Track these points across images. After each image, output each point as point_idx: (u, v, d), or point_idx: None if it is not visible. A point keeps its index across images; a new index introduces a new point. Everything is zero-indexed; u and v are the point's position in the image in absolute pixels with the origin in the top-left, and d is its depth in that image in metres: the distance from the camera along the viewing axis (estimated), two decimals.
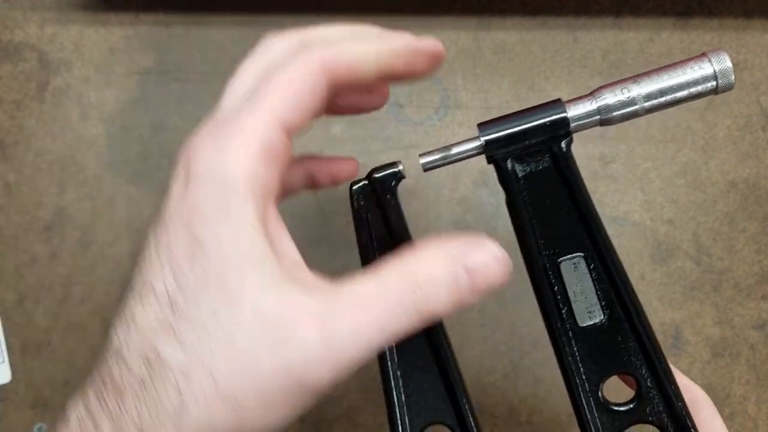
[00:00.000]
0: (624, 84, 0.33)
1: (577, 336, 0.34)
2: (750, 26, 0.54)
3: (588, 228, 0.34)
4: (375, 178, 0.37)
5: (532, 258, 0.34)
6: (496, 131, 0.34)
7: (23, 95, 0.53)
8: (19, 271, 0.53)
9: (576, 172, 0.34)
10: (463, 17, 0.54)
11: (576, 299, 0.34)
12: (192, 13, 0.54)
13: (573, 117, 0.33)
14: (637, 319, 0.33)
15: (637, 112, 0.33)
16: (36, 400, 0.53)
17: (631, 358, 0.34)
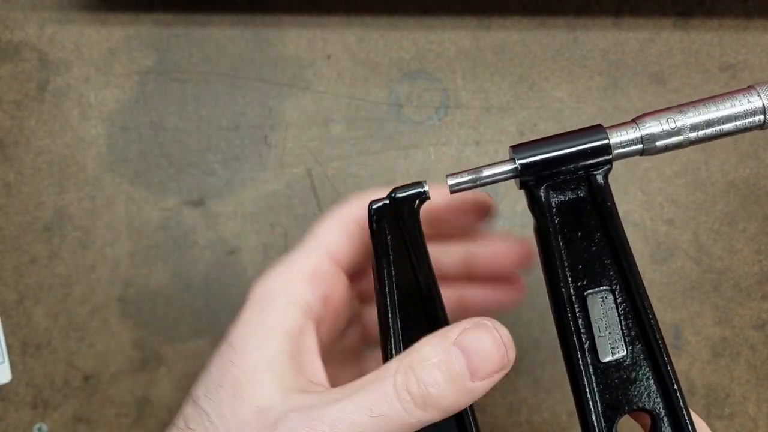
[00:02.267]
0: (669, 113, 0.31)
1: (597, 371, 0.32)
2: (750, 26, 0.54)
3: (618, 261, 0.32)
4: (397, 197, 0.33)
5: (556, 288, 0.33)
6: (533, 155, 0.31)
7: (23, 95, 0.53)
8: (19, 271, 0.53)
9: (612, 204, 0.32)
10: (463, 17, 0.54)
11: (600, 334, 0.32)
12: (192, 13, 0.54)
13: (615, 144, 0.31)
14: (660, 357, 0.32)
15: (681, 144, 0.32)
16: (36, 400, 0.53)
17: (649, 395, 0.32)
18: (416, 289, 0.33)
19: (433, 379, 0.26)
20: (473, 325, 0.28)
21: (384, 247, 0.33)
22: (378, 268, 0.33)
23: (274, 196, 0.53)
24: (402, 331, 0.32)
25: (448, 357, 0.27)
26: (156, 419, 0.53)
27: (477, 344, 0.27)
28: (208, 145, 0.54)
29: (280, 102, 0.54)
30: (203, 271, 0.53)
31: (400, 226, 0.33)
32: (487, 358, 0.27)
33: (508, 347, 0.27)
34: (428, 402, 0.26)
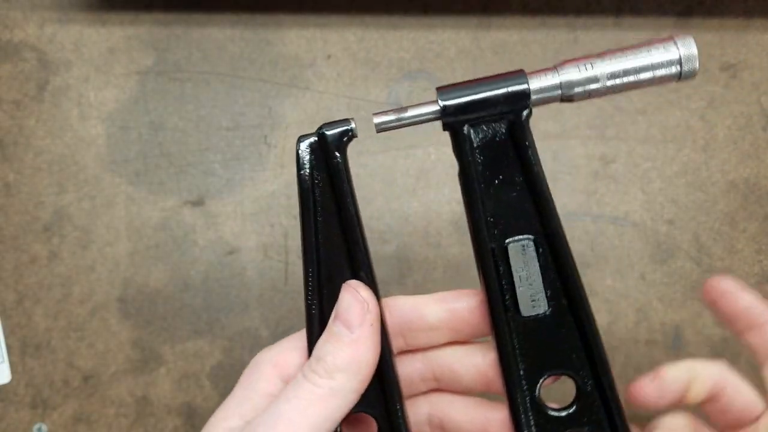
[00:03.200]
0: (589, 60, 0.32)
1: (519, 327, 0.32)
2: (750, 26, 0.54)
3: (539, 208, 0.32)
4: (324, 134, 0.33)
5: (479, 236, 0.33)
6: (456, 97, 0.32)
7: (23, 95, 0.53)
8: (19, 271, 0.53)
9: (531, 144, 0.32)
10: (463, 17, 0.54)
11: (521, 285, 0.32)
12: (192, 13, 0.54)
13: (534, 89, 0.32)
14: (583, 314, 0.31)
15: (599, 91, 0.32)
16: (36, 400, 0.53)
17: (572, 357, 0.32)
18: (339, 229, 0.34)
19: (325, 351, 0.32)
20: (340, 293, 0.33)
21: (310, 181, 0.34)
22: (303, 202, 0.34)
23: (273, 196, 0.53)
24: (322, 265, 0.34)
25: (330, 329, 0.32)
26: (156, 419, 0.53)
27: (342, 304, 0.32)
28: (208, 145, 0.54)
29: (280, 102, 0.54)
30: (203, 271, 0.53)
31: (327, 164, 0.34)
32: (351, 309, 0.32)
33: (366, 299, 0.32)
34: (328, 368, 0.31)
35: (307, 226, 0.34)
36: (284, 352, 0.35)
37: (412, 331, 0.36)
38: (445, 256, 0.53)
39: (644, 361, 0.53)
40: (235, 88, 0.54)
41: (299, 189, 0.34)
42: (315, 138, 0.34)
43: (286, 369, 0.34)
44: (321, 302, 0.34)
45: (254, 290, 0.53)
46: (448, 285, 0.53)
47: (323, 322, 0.33)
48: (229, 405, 0.34)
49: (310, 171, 0.34)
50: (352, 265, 0.34)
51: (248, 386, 0.34)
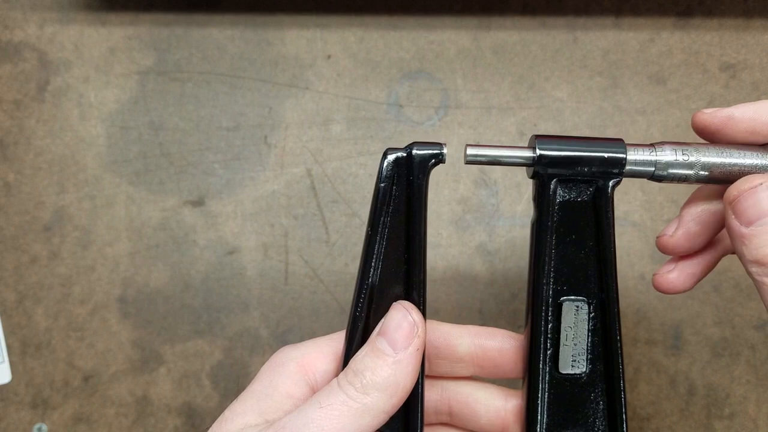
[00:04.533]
0: (687, 146, 0.33)
1: (552, 381, 0.33)
2: (750, 26, 0.54)
3: (602, 275, 0.33)
4: (415, 153, 0.33)
5: (538, 286, 0.33)
6: (554, 148, 0.32)
7: (23, 95, 0.53)
8: (19, 271, 0.53)
9: (611, 216, 0.33)
10: (463, 17, 0.54)
11: (566, 343, 0.33)
12: (192, 13, 0.54)
13: (630, 160, 0.32)
14: (617, 382, 0.32)
15: (689, 178, 0.33)
16: (36, 400, 0.53)
17: (596, 421, 0.33)
18: (403, 246, 0.34)
19: (364, 365, 0.31)
20: (390, 310, 0.33)
21: (387, 196, 0.33)
22: (375, 213, 0.33)
23: (273, 196, 0.53)
24: (380, 275, 0.34)
25: (373, 345, 0.32)
26: (156, 419, 0.53)
27: (391, 322, 0.32)
28: (208, 145, 0.54)
29: (280, 102, 0.54)
30: (203, 271, 0.53)
31: (409, 181, 0.33)
32: (400, 330, 0.31)
33: (417, 322, 0.32)
34: (365, 383, 0.30)
35: (373, 237, 0.33)
36: (312, 354, 0.34)
37: (438, 359, 0.36)
38: (445, 256, 0.53)
39: (644, 361, 0.53)
40: (235, 88, 0.54)
41: (374, 199, 0.34)
42: (403, 154, 0.33)
43: (312, 372, 0.34)
44: (368, 315, 0.34)
45: (254, 290, 0.53)
46: (448, 285, 0.53)
47: (366, 335, 0.33)
48: (248, 399, 0.33)
49: (390, 184, 0.33)
50: (408, 285, 0.34)
51: (269, 383, 0.33)
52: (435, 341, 0.36)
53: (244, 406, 0.32)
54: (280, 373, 0.33)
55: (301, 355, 0.34)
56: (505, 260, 0.53)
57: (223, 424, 0.32)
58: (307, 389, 0.33)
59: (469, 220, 0.54)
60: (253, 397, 0.33)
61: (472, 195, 0.54)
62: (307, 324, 0.54)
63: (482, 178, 0.54)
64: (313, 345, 0.35)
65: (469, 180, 0.54)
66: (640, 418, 0.54)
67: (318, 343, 0.35)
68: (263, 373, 0.34)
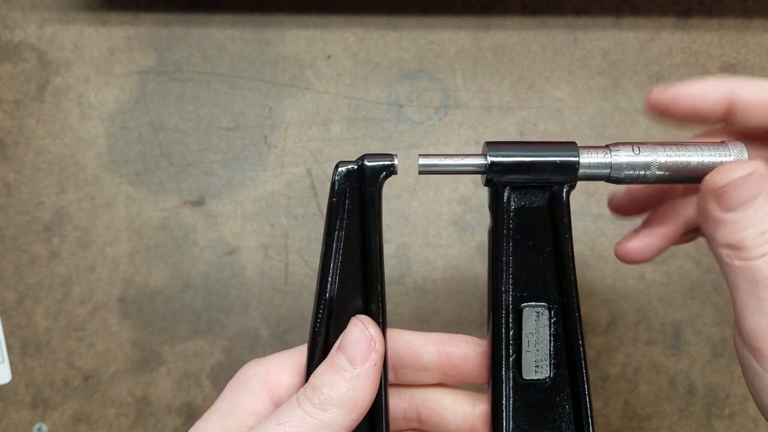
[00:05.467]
0: (642, 147, 0.32)
1: (517, 387, 0.33)
2: (750, 26, 0.54)
3: (561, 280, 0.33)
4: (366, 165, 0.33)
5: (497, 294, 0.33)
6: (505, 155, 0.32)
7: (23, 95, 0.53)
8: (19, 271, 0.53)
9: (568, 220, 0.33)
10: (463, 17, 0.54)
11: (528, 349, 0.33)
12: (192, 13, 0.54)
13: (584, 164, 0.32)
14: (581, 386, 0.33)
15: (647, 179, 0.32)
16: (36, 400, 0.53)
17: (562, 425, 0.33)
18: (359, 259, 0.34)
19: (323, 381, 0.31)
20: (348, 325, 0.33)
21: (340, 209, 0.33)
22: (329, 227, 0.33)
23: (273, 196, 0.53)
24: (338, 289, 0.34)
25: (332, 360, 0.32)
26: (156, 419, 0.53)
27: (349, 338, 0.32)
28: (208, 145, 0.54)
29: (280, 102, 0.54)
30: (203, 271, 0.53)
31: (362, 194, 0.33)
32: (357, 345, 0.31)
33: (374, 337, 0.32)
34: (323, 400, 0.30)
35: (328, 251, 0.33)
36: (275, 369, 0.34)
37: (403, 368, 0.36)
38: (445, 256, 0.53)
39: (644, 361, 0.53)
40: (235, 88, 0.54)
41: (327, 213, 0.33)
42: (354, 166, 0.33)
43: (276, 387, 0.34)
44: (328, 329, 0.34)
45: (254, 290, 0.53)
46: (448, 285, 0.53)
47: (327, 349, 0.33)
48: (211, 418, 0.33)
49: (342, 198, 0.33)
50: (366, 297, 0.34)
51: (233, 401, 0.33)
52: (399, 351, 0.36)
53: (207, 424, 0.33)
54: (243, 390, 0.33)
55: (264, 370, 0.34)
56: None
57: None
58: (271, 405, 0.33)
59: (469, 220, 0.54)
60: (216, 415, 0.33)
61: (472, 195, 0.54)
62: (307, 324, 0.53)
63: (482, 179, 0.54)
64: (277, 359, 0.35)
65: (469, 180, 0.54)
66: (640, 418, 0.54)
67: (282, 357, 0.35)
68: (227, 390, 0.34)
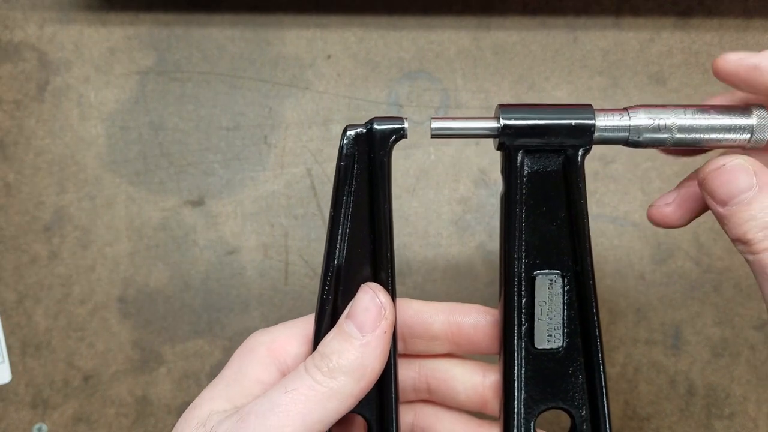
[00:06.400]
0: (662, 109, 0.31)
1: (529, 357, 0.32)
2: (750, 26, 0.54)
3: (575, 247, 0.32)
4: (375, 128, 0.32)
5: (510, 261, 0.32)
6: (519, 117, 0.31)
7: (23, 95, 0.53)
8: (19, 271, 0.53)
9: (583, 185, 0.32)
10: (463, 17, 0.54)
11: (540, 318, 0.32)
12: (192, 13, 0.54)
13: (600, 126, 0.31)
14: (595, 356, 0.32)
15: (666, 141, 0.31)
16: (36, 400, 0.53)
17: (575, 395, 0.32)
18: (368, 226, 0.33)
19: (332, 348, 0.30)
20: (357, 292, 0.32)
21: (349, 174, 0.32)
22: (337, 192, 0.32)
23: (273, 196, 0.53)
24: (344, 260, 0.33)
25: (341, 328, 0.31)
26: (156, 419, 0.53)
27: (358, 305, 0.31)
28: (208, 145, 0.54)
29: (280, 102, 0.54)
30: (203, 271, 0.53)
31: (371, 158, 0.32)
32: (367, 312, 0.31)
33: (384, 304, 0.31)
34: (332, 367, 0.30)
35: (336, 218, 0.32)
36: (282, 338, 0.34)
37: (413, 337, 0.36)
38: (445, 256, 0.53)
39: (644, 361, 0.53)
40: (235, 88, 0.54)
41: (336, 178, 0.32)
42: (363, 130, 0.32)
43: (283, 356, 0.33)
44: (336, 297, 0.33)
45: (254, 290, 0.53)
46: (448, 285, 0.53)
47: (335, 317, 0.32)
48: (217, 386, 0.33)
49: (350, 162, 0.32)
50: (375, 264, 0.33)
51: (240, 369, 0.33)
52: (409, 320, 0.35)
53: (213, 392, 0.32)
54: (250, 359, 0.33)
55: (271, 339, 0.34)
56: None
57: (193, 410, 0.31)
58: (278, 374, 0.33)
59: (469, 220, 0.54)
60: (222, 383, 0.33)
61: (472, 195, 0.54)
62: None
63: (482, 178, 0.54)
64: (284, 328, 0.34)
65: (469, 180, 0.54)
66: (640, 418, 0.54)
67: (289, 327, 0.34)
68: (234, 359, 0.34)
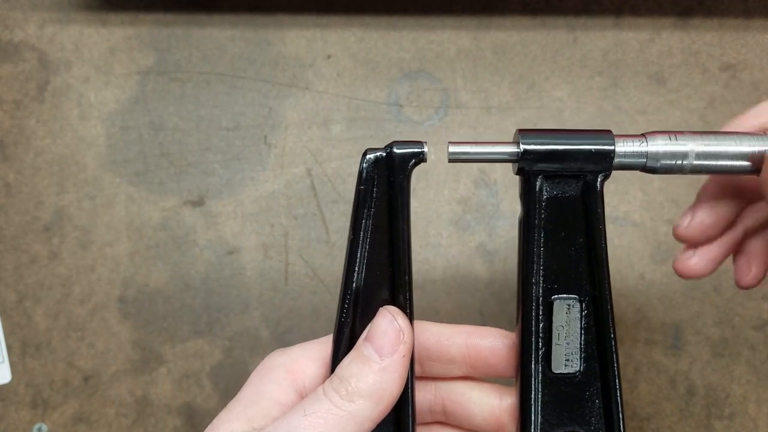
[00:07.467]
0: (681, 135, 0.31)
1: (546, 381, 0.32)
2: (750, 26, 0.54)
3: (593, 272, 0.32)
4: (395, 153, 0.32)
5: (528, 285, 0.32)
6: (538, 143, 0.31)
7: (23, 95, 0.53)
8: (19, 271, 0.53)
9: (602, 211, 0.32)
10: (463, 17, 0.54)
11: (558, 342, 0.32)
12: (192, 13, 0.54)
13: (620, 153, 0.31)
14: (612, 381, 0.32)
15: (683, 168, 0.32)
16: (36, 400, 0.53)
17: (592, 419, 0.32)
18: (387, 248, 0.33)
19: (350, 372, 0.31)
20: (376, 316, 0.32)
21: (368, 197, 0.32)
22: (356, 216, 0.33)
23: (274, 196, 0.53)
24: (365, 279, 0.33)
25: (359, 351, 0.31)
26: (156, 419, 0.53)
27: (377, 329, 0.31)
28: (208, 145, 0.54)
29: (280, 102, 0.54)
30: (203, 271, 0.53)
31: (390, 182, 0.32)
32: (386, 336, 0.31)
33: (403, 328, 0.31)
34: (350, 391, 0.30)
35: (355, 241, 0.33)
36: (300, 359, 0.34)
37: (430, 360, 0.36)
38: (445, 256, 0.53)
39: (644, 361, 0.53)
40: (235, 88, 0.54)
41: (355, 201, 0.33)
42: (383, 153, 0.32)
43: (301, 378, 0.33)
44: (354, 319, 0.33)
45: (254, 290, 0.53)
46: (448, 285, 0.53)
47: (353, 340, 0.32)
48: (236, 407, 0.33)
49: (370, 186, 0.32)
50: (393, 287, 0.33)
51: (258, 390, 0.33)
52: (426, 343, 0.35)
53: (231, 414, 0.32)
54: (268, 379, 0.33)
55: (290, 360, 0.34)
56: (505, 260, 0.53)
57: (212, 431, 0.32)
58: (296, 395, 0.33)
59: (469, 220, 0.54)
60: (240, 405, 0.33)
61: (472, 195, 0.54)
62: (307, 324, 0.54)
63: (482, 178, 0.54)
64: (302, 350, 0.34)
65: (469, 180, 0.54)
66: (640, 418, 0.54)
67: (307, 348, 0.34)
68: (252, 379, 0.34)
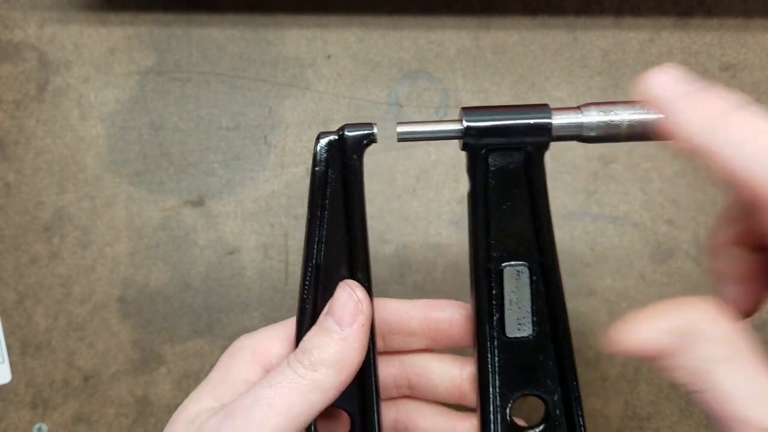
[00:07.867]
0: (614, 105, 0.33)
1: (501, 346, 0.34)
2: (750, 26, 0.54)
3: (539, 239, 0.34)
4: (346, 135, 0.34)
5: (478, 256, 0.34)
6: (481, 120, 0.33)
7: (23, 95, 0.53)
8: (19, 271, 0.53)
9: (543, 180, 0.34)
10: (463, 17, 0.54)
11: (510, 308, 0.34)
12: (192, 13, 0.54)
13: (556, 125, 0.33)
14: (563, 342, 0.33)
15: (618, 137, 0.33)
16: (36, 400, 0.53)
17: (547, 381, 0.34)
18: (343, 228, 0.34)
19: (312, 344, 0.32)
20: (336, 290, 0.34)
21: (323, 178, 0.34)
22: (313, 197, 0.34)
23: (273, 196, 0.54)
24: (322, 261, 0.34)
25: (321, 324, 0.33)
26: (156, 419, 0.53)
27: (336, 301, 0.33)
28: (208, 145, 0.54)
29: (280, 102, 0.54)
30: (203, 271, 0.53)
31: (344, 164, 0.34)
32: (345, 307, 0.32)
33: (361, 299, 0.33)
34: (313, 361, 0.31)
35: (313, 221, 0.34)
36: (266, 340, 0.35)
37: (391, 334, 0.37)
38: (445, 256, 0.53)
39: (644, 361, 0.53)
40: (235, 88, 0.54)
41: (311, 183, 0.34)
42: (335, 137, 0.34)
43: (267, 357, 0.35)
44: (315, 297, 0.35)
45: (254, 290, 0.53)
46: (448, 285, 0.53)
47: (315, 317, 0.34)
48: (205, 387, 0.34)
49: (324, 168, 0.34)
50: (351, 265, 0.34)
51: (226, 370, 0.34)
52: (387, 318, 0.37)
53: (200, 393, 0.34)
54: (236, 360, 0.35)
55: (255, 342, 0.35)
56: None
57: (181, 411, 0.33)
58: (263, 373, 0.34)
59: None
60: (209, 384, 0.34)
61: None
62: None
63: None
64: (267, 331, 0.36)
65: None
66: (640, 418, 0.54)
67: (272, 329, 0.36)
68: (220, 362, 0.35)
